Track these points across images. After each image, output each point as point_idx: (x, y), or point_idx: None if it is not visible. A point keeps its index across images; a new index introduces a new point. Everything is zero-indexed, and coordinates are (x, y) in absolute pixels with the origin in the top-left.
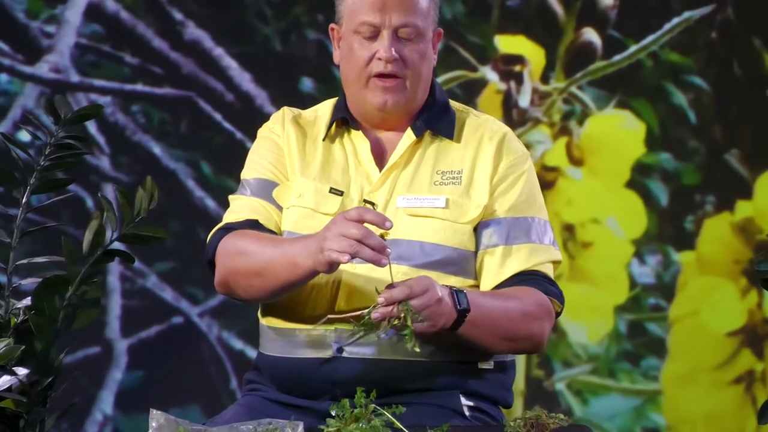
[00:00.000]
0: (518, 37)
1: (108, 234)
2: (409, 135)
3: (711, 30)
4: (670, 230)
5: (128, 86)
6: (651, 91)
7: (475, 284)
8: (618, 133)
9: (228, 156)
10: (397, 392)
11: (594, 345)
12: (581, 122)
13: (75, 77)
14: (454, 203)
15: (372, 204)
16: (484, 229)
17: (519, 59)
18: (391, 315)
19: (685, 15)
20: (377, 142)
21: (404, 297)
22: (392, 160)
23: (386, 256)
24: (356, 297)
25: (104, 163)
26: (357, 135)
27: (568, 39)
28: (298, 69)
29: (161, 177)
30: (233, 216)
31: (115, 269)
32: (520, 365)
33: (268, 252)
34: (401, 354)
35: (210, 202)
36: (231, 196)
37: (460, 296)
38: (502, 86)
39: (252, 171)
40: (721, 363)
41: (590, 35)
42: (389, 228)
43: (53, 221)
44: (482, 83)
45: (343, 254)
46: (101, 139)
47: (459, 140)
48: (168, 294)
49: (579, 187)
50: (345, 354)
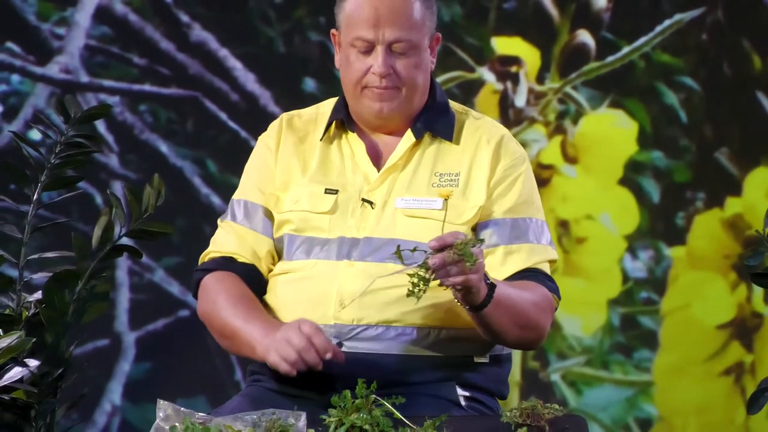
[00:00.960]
0: (514, 39)
1: (117, 230)
2: (409, 137)
3: (701, 32)
4: (662, 226)
5: (136, 86)
6: (643, 91)
7: None
8: (611, 132)
9: (233, 154)
10: (395, 385)
11: (588, 337)
12: (575, 121)
13: (84, 78)
14: (451, 205)
15: (370, 203)
16: (484, 230)
17: (515, 60)
18: (446, 262)
19: (677, 17)
20: (374, 144)
21: (454, 239)
22: (391, 161)
23: (318, 367)
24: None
25: (113, 161)
26: (353, 137)
27: (563, 40)
28: (301, 69)
29: (168, 174)
30: (216, 247)
31: (124, 264)
32: (516, 357)
33: (238, 324)
34: (399, 349)
35: (215, 199)
36: (219, 220)
37: (487, 275)
38: (499, 86)
39: (242, 192)
40: (712, 355)
41: (584, 37)
42: (328, 359)
43: (63, 217)
44: (479, 84)
45: (282, 362)
46: (110, 138)
47: (458, 142)
48: (175, 288)
49: (573, 185)
50: (344, 348)
